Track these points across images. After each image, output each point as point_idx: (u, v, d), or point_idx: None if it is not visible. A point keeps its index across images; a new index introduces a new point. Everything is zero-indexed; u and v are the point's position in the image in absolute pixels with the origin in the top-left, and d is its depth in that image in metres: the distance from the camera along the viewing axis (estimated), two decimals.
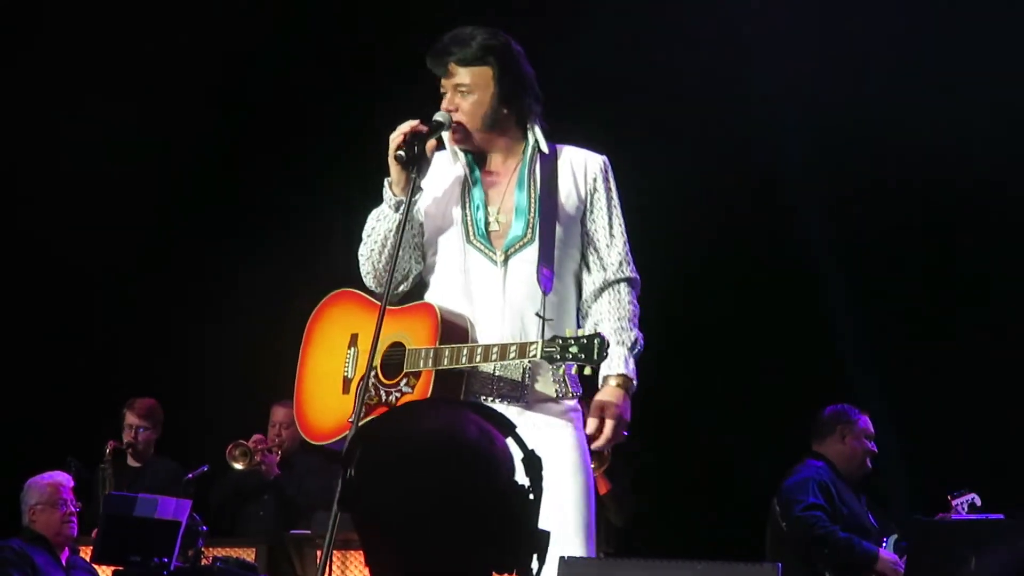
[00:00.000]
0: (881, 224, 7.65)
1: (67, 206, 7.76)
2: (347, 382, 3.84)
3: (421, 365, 3.68)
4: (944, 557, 5.69)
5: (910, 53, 7.22)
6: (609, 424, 3.71)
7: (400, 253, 3.75)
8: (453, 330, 3.71)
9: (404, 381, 3.73)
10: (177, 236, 8.11)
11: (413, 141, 3.73)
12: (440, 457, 1.91)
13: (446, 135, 3.84)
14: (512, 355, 3.60)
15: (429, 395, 3.66)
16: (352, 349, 3.86)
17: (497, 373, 3.72)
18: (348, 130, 7.85)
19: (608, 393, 3.75)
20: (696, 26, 7.35)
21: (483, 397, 3.73)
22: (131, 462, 7.52)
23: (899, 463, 6.98)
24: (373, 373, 3.74)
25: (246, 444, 7.57)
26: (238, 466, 7.57)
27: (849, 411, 6.58)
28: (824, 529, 6.22)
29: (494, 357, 3.62)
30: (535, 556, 1.94)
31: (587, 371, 3.60)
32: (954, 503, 6.47)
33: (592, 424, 3.72)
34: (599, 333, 3.51)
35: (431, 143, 3.77)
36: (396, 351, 3.76)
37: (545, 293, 3.70)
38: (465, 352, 3.64)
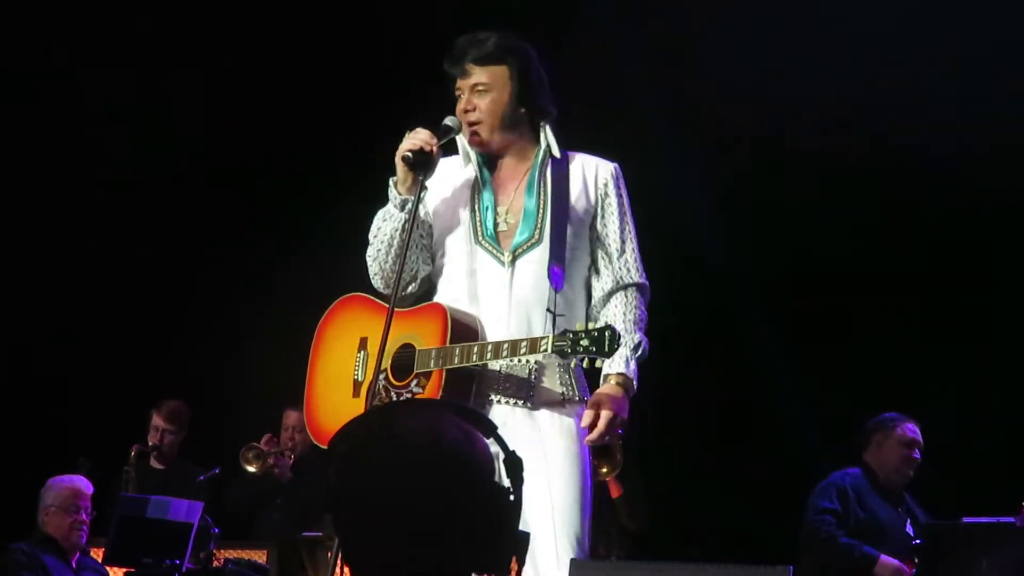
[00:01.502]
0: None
1: (68, 206, 7.79)
2: (357, 385, 3.84)
3: (431, 365, 3.68)
4: (955, 560, 5.70)
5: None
6: (604, 418, 3.66)
7: (407, 253, 3.75)
8: (462, 330, 3.70)
9: (415, 382, 3.72)
10: (187, 240, 8.11)
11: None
12: (420, 458, 1.91)
13: (460, 136, 3.85)
14: (523, 350, 3.57)
15: (440, 396, 3.64)
16: (362, 352, 3.85)
17: (505, 372, 3.71)
18: (365, 138, 7.84)
19: (607, 389, 3.72)
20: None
21: (492, 398, 3.72)
22: (154, 464, 7.53)
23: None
24: (384, 375, 3.74)
25: (259, 446, 7.57)
26: (251, 469, 7.56)
27: (888, 420, 6.57)
28: (827, 534, 6.30)
29: (505, 353, 3.60)
30: (514, 557, 1.95)
31: (598, 364, 3.59)
32: None
33: (588, 417, 3.68)
34: (610, 326, 3.49)
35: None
36: (406, 352, 3.75)
37: (557, 289, 3.70)
38: (475, 350, 3.63)
